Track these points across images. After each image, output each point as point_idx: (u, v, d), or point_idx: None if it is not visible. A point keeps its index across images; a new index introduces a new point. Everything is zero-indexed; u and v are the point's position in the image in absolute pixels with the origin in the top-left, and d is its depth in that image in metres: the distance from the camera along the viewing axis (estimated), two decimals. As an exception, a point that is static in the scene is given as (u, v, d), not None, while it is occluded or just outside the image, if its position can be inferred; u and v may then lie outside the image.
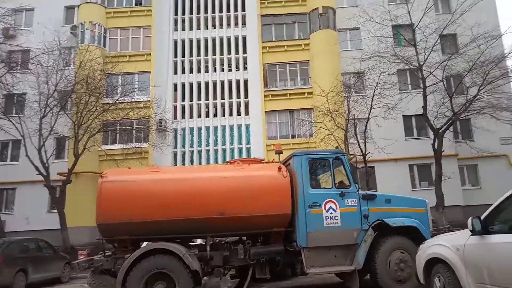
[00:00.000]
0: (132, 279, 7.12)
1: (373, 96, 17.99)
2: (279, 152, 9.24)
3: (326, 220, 7.68)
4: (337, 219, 7.71)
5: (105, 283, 7.57)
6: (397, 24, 20.88)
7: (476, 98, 17.93)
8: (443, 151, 18.93)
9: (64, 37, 21.39)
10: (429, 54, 18.73)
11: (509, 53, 18.28)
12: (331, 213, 7.72)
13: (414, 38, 19.56)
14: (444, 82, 19.36)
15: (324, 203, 7.76)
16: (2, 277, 10.98)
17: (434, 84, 19.15)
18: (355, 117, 18.44)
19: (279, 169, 8.06)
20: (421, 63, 18.74)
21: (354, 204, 7.86)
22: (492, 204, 5.09)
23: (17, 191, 22.97)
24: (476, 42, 18.24)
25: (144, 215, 7.46)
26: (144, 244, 9.23)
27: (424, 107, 19.01)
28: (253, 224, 7.79)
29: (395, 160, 22.42)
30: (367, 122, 18.06)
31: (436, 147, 18.67)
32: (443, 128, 18.75)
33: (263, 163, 9.09)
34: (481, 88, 17.76)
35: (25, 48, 21.61)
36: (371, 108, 18.13)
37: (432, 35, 19.00)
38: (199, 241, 8.86)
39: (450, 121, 18.61)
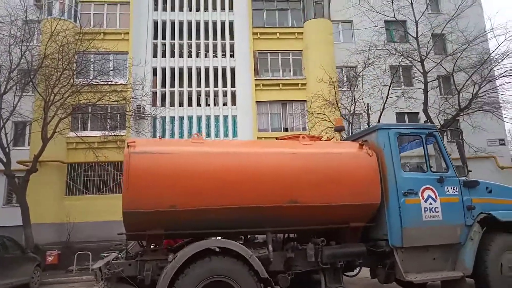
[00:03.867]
0: None
1: (390, 84, 16.76)
2: (340, 129, 7.47)
3: (425, 212, 5.98)
4: (437, 211, 6.03)
5: None
6: (389, 20, 20.46)
7: (480, 95, 17.53)
8: (445, 149, 18.16)
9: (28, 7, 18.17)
10: (431, 48, 18.29)
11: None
12: (431, 204, 6.03)
13: (417, 31, 18.78)
14: (451, 78, 18.71)
15: (420, 190, 6.07)
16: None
17: (435, 80, 18.65)
18: (369, 108, 17.04)
19: (361, 146, 6.27)
20: (423, 57, 17.95)
21: (455, 192, 6.24)
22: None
23: (-37, 182, 19.26)
24: (479, 38, 18.03)
25: (190, 201, 5.34)
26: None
27: (425, 103, 18.35)
28: (328, 217, 5.93)
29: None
30: (380, 114, 16.75)
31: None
32: (447, 125, 18.01)
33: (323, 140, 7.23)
34: (481, 86, 17.39)
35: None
36: (387, 98, 16.85)
37: (430, 31, 18.66)
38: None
39: (456, 116, 17.93)
